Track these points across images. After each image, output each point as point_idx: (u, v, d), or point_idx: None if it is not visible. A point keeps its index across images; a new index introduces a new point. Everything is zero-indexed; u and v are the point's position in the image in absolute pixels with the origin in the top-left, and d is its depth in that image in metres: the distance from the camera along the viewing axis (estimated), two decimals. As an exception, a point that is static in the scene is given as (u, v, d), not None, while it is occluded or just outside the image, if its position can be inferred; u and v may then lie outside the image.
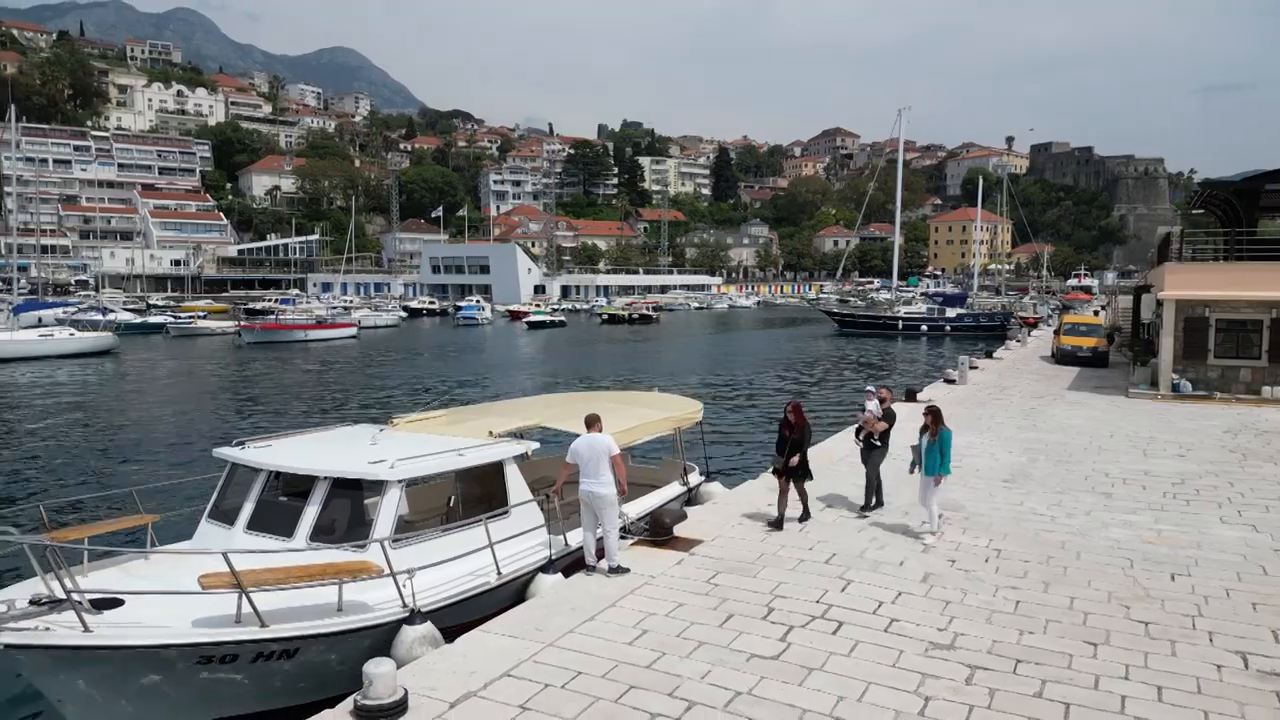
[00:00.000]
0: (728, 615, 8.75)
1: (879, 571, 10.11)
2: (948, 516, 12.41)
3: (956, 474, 15.04)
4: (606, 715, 6.75)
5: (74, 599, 7.31)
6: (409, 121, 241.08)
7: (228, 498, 10.04)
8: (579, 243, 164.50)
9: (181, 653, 7.58)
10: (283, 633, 7.90)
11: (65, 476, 19.92)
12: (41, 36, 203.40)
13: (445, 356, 52.75)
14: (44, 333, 47.65)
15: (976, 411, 22.14)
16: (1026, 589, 9.60)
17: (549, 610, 8.87)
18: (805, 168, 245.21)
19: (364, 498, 9.64)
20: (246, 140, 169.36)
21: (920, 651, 7.98)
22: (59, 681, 7.35)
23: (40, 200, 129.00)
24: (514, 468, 10.56)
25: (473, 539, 9.55)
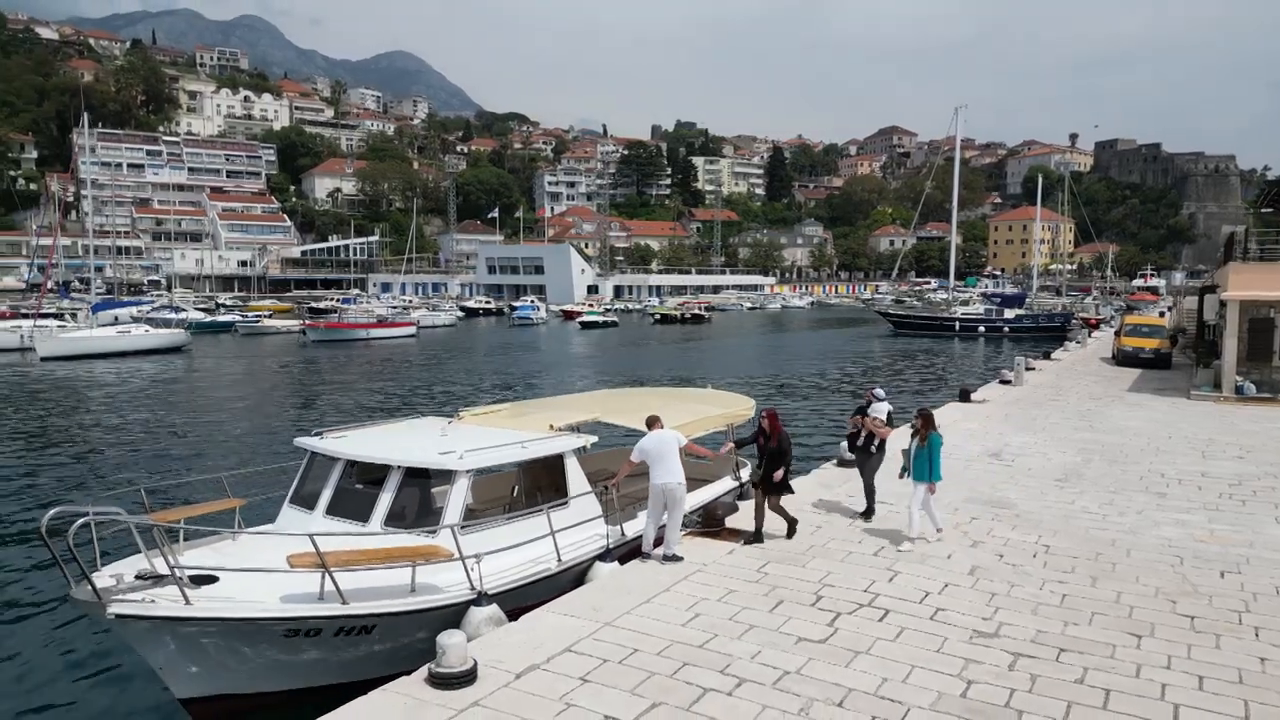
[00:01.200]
0: (777, 601, 9.12)
1: (926, 564, 10.37)
2: (998, 515, 12.58)
3: (1007, 473, 15.22)
4: (661, 688, 7.18)
5: (176, 574, 7.98)
6: (466, 124, 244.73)
7: (307, 484, 10.70)
8: (632, 243, 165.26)
9: (271, 625, 8.21)
10: (361, 610, 8.48)
11: (156, 463, 21.10)
12: (116, 45, 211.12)
13: (501, 355, 53.76)
14: (121, 330, 49.88)
15: (1031, 412, 22.07)
16: (1074, 583, 9.78)
17: (606, 593, 9.34)
18: (861, 167, 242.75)
19: (434, 486, 10.21)
20: (309, 144, 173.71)
21: (965, 639, 8.25)
22: (161, 649, 8.03)
23: (115, 203, 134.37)
24: (574, 460, 11.05)
25: (535, 527, 10.04)
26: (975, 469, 15.47)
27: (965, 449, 17.13)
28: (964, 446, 17.36)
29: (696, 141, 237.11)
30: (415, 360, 49.51)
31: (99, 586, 7.78)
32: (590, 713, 6.75)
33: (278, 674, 8.61)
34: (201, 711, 8.48)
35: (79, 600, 7.83)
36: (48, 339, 45.80)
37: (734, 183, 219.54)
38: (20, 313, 58.26)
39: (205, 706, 8.46)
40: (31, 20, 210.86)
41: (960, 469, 15.41)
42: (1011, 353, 43.52)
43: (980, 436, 18.56)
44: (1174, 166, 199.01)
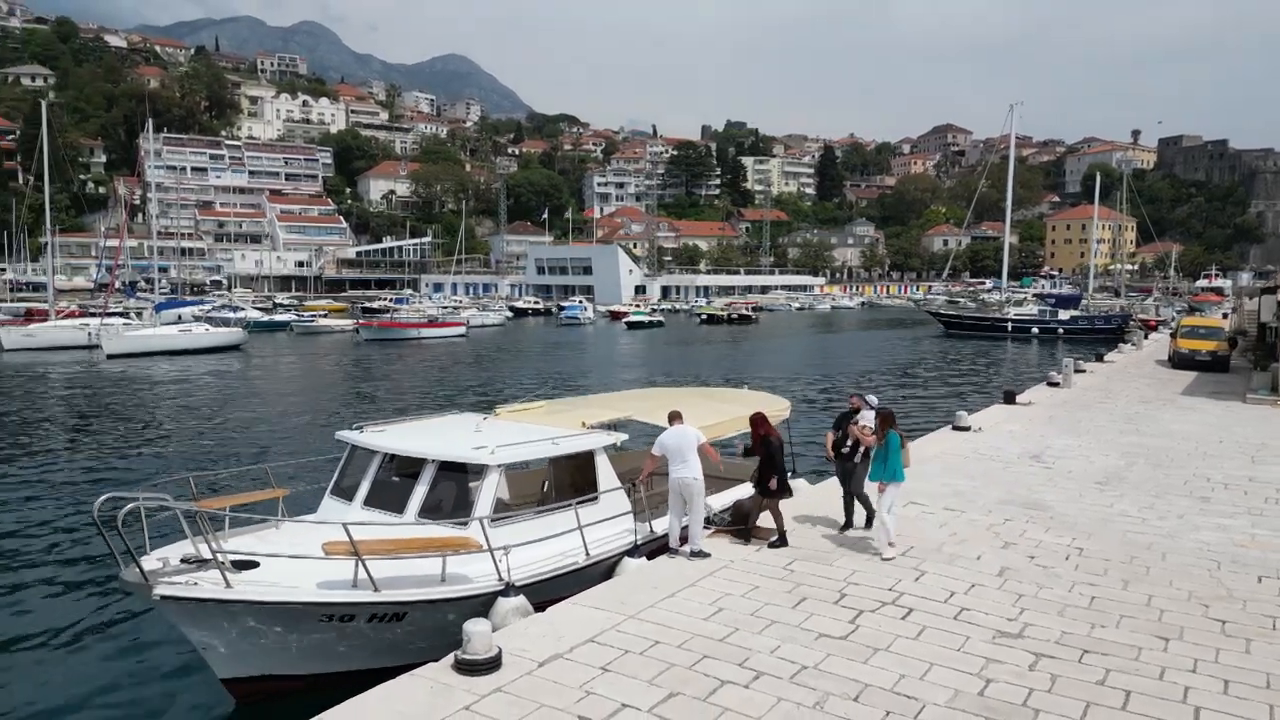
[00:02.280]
0: (801, 598, 9.20)
1: (954, 564, 10.35)
2: (1033, 517, 12.45)
3: (1046, 475, 15.03)
4: (679, 679, 7.33)
5: (218, 559, 8.37)
6: (517, 126, 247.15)
7: (347, 476, 11.07)
8: (680, 243, 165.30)
9: (307, 610, 8.55)
10: (392, 597, 8.78)
11: (208, 454, 21.88)
12: (180, 52, 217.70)
13: (548, 354, 54.34)
14: (182, 328, 51.59)
15: (1077, 415, 21.70)
16: (1104, 586, 9.69)
17: (632, 587, 9.51)
18: (914, 165, 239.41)
19: (467, 480, 10.49)
20: (365, 147, 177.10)
21: (987, 639, 8.26)
22: (203, 629, 8.44)
23: (179, 206, 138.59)
24: (604, 457, 11.24)
25: (564, 521, 10.26)
26: (1014, 471, 15.31)
27: (1005, 451, 16.96)
28: (1004, 448, 17.19)
29: (746, 141, 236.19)
30: (463, 359, 50.28)
31: (146, 569, 8.21)
32: (608, 700, 6.93)
33: (315, 657, 8.95)
34: (242, 691, 8.87)
35: (127, 581, 8.26)
36: (113, 337, 47.54)
37: (784, 182, 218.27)
38: (89, 311, 60.37)
39: (245, 686, 8.85)
40: (101, 29, 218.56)
41: (999, 471, 15.29)
42: (1066, 355, 42.70)
43: (1022, 439, 18.34)
44: (1241, 163, 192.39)
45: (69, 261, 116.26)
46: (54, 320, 53.40)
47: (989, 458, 16.35)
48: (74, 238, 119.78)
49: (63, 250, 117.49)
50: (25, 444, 23.61)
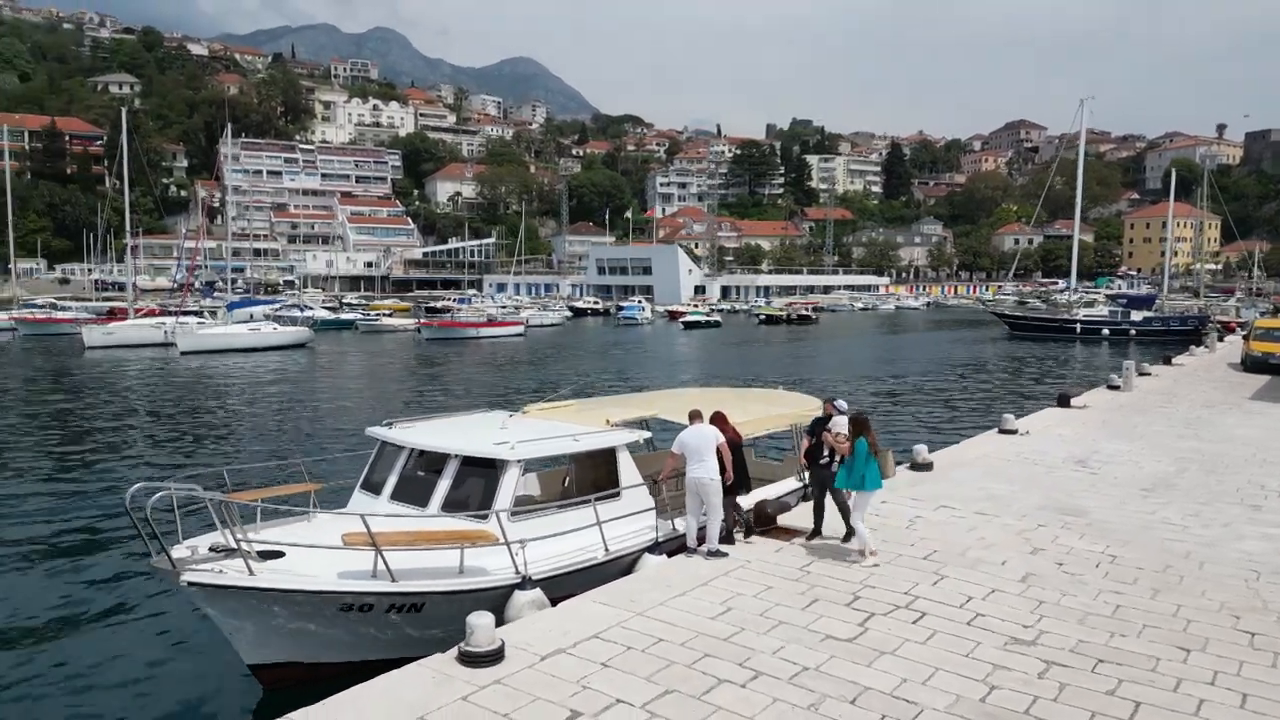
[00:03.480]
0: (813, 600, 9.15)
1: (977, 569, 10.16)
2: (1069, 523, 12.13)
3: (1090, 481, 14.62)
4: (677, 677, 7.37)
5: (243, 548, 8.70)
6: (582, 127, 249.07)
7: (377, 471, 11.38)
8: (742, 243, 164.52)
9: (325, 598, 8.83)
10: (409, 588, 9.01)
11: (254, 446, 22.74)
12: (259, 59, 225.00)
13: (602, 354, 54.69)
14: (252, 327, 53.43)
15: (1133, 419, 21.00)
16: (1132, 594, 9.41)
17: (645, 584, 9.58)
18: (985, 162, 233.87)
19: (489, 475, 10.67)
20: (432, 149, 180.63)
21: (999, 645, 8.10)
22: (227, 615, 8.79)
23: (255, 208, 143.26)
24: (626, 454, 11.33)
25: (583, 517, 10.38)
26: (1056, 476, 14.93)
27: (1051, 455, 16.54)
28: (1050, 453, 16.76)
29: (811, 139, 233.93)
30: (519, 358, 50.96)
31: (175, 557, 8.58)
32: (602, 695, 7.01)
33: (338, 646, 9.22)
34: (268, 677, 9.19)
35: (157, 568, 8.64)
36: (187, 335, 49.47)
37: (849, 181, 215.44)
38: (167, 310, 62.92)
39: (271, 672, 9.17)
40: (185, 38, 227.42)
41: (1041, 475, 14.92)
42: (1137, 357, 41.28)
43: (1071, 443, 17.84)
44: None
45: (152, 262, 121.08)
46: (133, 319, 55.76)
47: (1032, 462, 15.96)
48: (157, 239, 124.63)
49: (146, 251, 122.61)
50: (92, 434, 24.77)
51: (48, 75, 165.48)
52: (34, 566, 13.53)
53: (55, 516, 16.10)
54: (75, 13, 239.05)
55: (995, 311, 75.27)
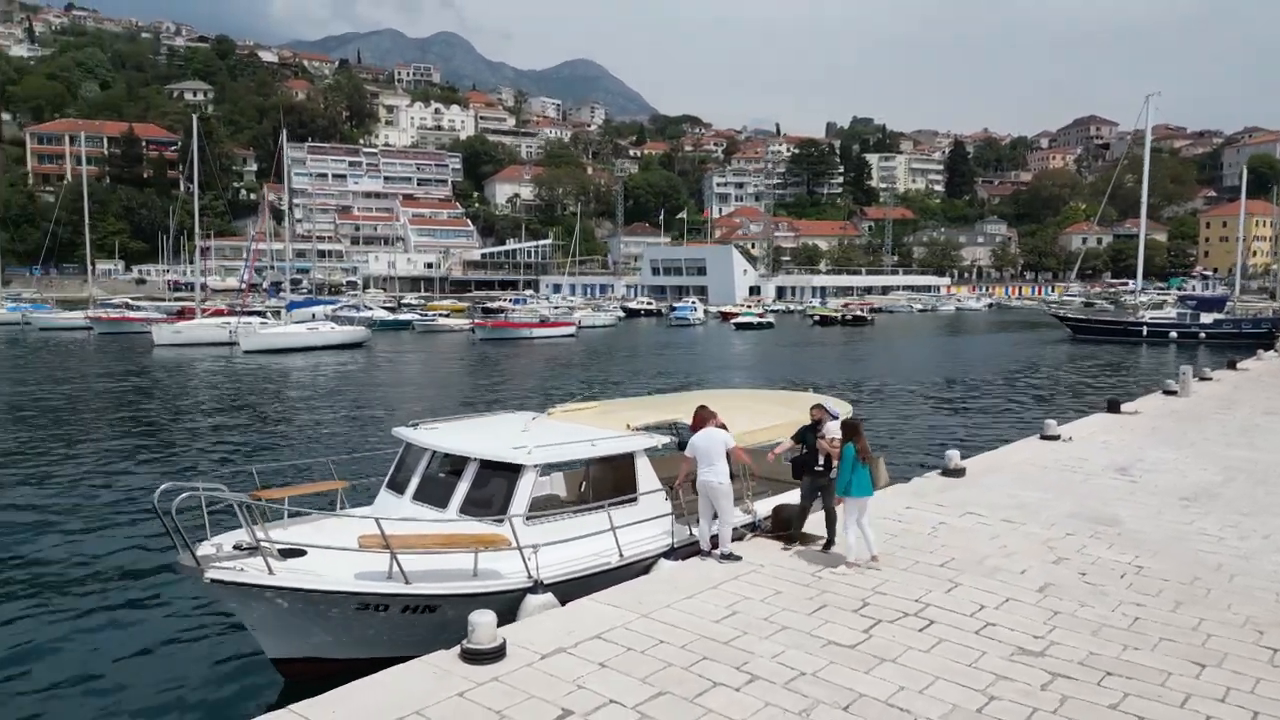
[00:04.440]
0: (820, 605, 9.12)
1: (994, 578, 10.00)
2: (1098, 532, 11.85)
3: (1128, 489, 14.25)
4: (672, 679, 7.43)
5: (263, 547, 9.01)
6: (640, 128, 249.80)
7: (401, 471, 11.63)
8: (800, 243, 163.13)
9: (340, 598, 9.08)
10: (422, 590, 9.19)
11: (294, 443, 23.50)
12: (326, 65, 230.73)
13: (651, 355, 54.76)
14: (311, 326, 54.91)
15: (1185, 426, 20.32)
16: (1153, 607, 9.18)
17: (654, 587, 9.65)
18: (1052, 160, 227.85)
19: (506, 478, 10.82)
20: (491, 152, 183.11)
21: (1005, 655, 7.98)
22: (248, 611, 9.11)
23: (320, 210, 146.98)
24: (644, 459, 11.36)
25: (599, 522, 10.46)
26: (1093, 484, 14.56)
27: (1091, 462, 16.13)
28: (1090, 459, 16.35)
29: (872, 138, 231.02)
30: (569, 359, 51.37)
31: (199, 555, 8.91)
32: (596, 695, 7.11)
33: (357, 643, 9.44)
34: (290, 671, 9.49)
35: (183, 565, 9.00)
36: (250, 334, 51.06)
37: (911, 180, 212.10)
38: (234, 310, 64.92)
39: (293, 666, 9.46)
40: (256, 45, 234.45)
41: (1077, 483, 14.58)
42: (1206, 361, 39.86)
43: (1114, 450, 17.37)
44: None
45: (223, 263, 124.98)
46: (200, 319, 57.74)
47: (1070, 469, 15.60)
48: (228, 241, 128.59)
49: (217, 253, 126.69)
50: (147, 429, 25.75)
51: (126, 83, 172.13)
52: (75, 557, 14.12)
53: (102, 509, 16.78)
54: (153, 22, 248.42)
55: (1057, 313, 73.15)
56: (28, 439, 24.52)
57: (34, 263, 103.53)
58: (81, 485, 18.95)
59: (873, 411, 29.93)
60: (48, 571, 13.56)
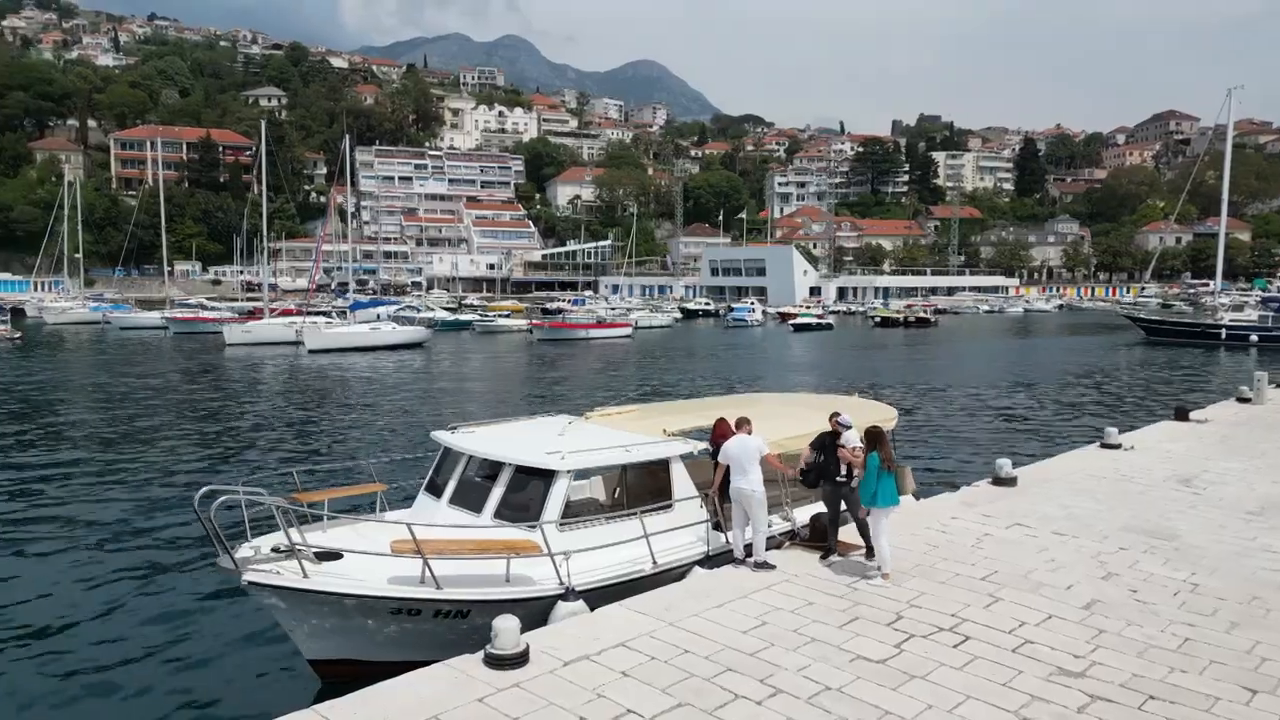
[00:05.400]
0: (852, 618, 8.93)
1: (1038, 593, 9.67)
2: (1154, 547, 11.38)
3: (1190, 501, 13.69)
4: (693, 690, 7.35)
5: (299, 550, 9.17)
6: (702, 128, 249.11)
7: (439, 475, 11.72)
8: (863, 243, 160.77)
9: (372, 602, 9.17)
10: (453, 595, 9.24)
11: (342, 442, 24.00)
12: (394, 70, 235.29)
13: (707, 357, 54.47)
14: (373, 326, 56.10)
15: (1258, 436, 19.40)
16: (1205, 627, 8.77)
17: (685, 595, 9.56)
18: (1129, 156, 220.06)
19: (541, 483, 10.80)
20: (554, 154, 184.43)
21: (1042, 675, 7.71)
22: (284, 613, 9.28)
23: (386, 213, 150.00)
24: (679, 465, 11.26)
25: (632, 529, 10.39)
26: (1153, 495, 14.00)
27: (1152, 473, 15.51)
28: (1152, 470, 15.72)
29: (939, 136, 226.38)
30: (624, 360, 51.44)
31: (238, 557, 9.13)
32: (615, 705, 7.07)
33: (391, 646, 9.51)
34: (327, 672, 9.62)
35: (222, 567, 9.22)
36: (314, 334, 52.37)
37: (979, 178, 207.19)
38: (302, 310, 66.62)
39: (329, 667, 9.59)
40: (328, 52, 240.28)
41: (1135, 494, 14.04)
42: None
43: (1179, 460, 16.67)
44: None
45: (294, 264, 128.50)
46: (268, 318, 59.41)
47: (1129, 479, 15.02)
48: (298, 243, 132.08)
49: (288, 254, 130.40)
50: (207, 425, 26.53)
51: (205, 90, 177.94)
52: (123, 551, 14.60)
53: (154, 504, 17.28)
54: (231, 30, 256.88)
55: (1130, 315, 70.52)
56: (94, 433, 25.52)
57: (117, 264, 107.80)
58: (137, 480, 19.63)
59: (928, 416, 29.32)
60: (95, 564, 14.02)
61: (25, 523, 16.20)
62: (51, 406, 31.10)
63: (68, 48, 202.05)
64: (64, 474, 20.19)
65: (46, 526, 15.99)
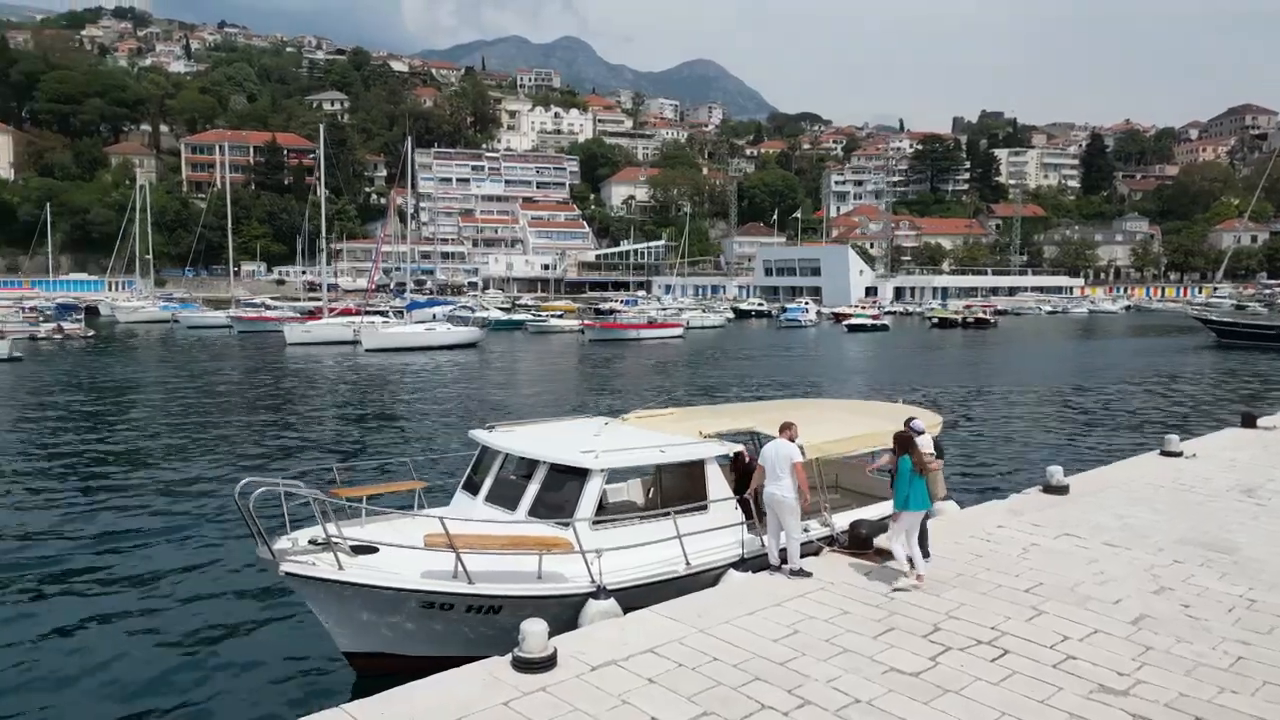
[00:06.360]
0: (887, 629, 8.75)
1: (1084, 607, 9.35)
2: (1210, 560, 10.95)
3: (1252, 512, 13.16)
4: (719, 699, 7.26)
5: (335, 543, 9.33)
6: (758, 127, 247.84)
7: (477, 473, 11.85)
8: (921, 242, 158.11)
9: (404, 595, 9.30)
10: (484, 590, 9.33)
11: (388, 440, 24.37)
12: (453, 73, 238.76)
13: (756, 358, 53.95)
14: (428, 327, 56.96)
15: (1330, 443, 18.57)
16: (1260, 645, 8.39)
17: (718, 600, 9.48)
18: (1202, 152, 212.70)
19: (575, 482, 10.84)
20: (609, 154, 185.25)
21: (1083, 692, 7.45)
22: (319, 604, 9.45)
23: (444, 214, 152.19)
24: (715, 467, 11.20)
25: (665, 529, 10.37)
26: (1213, 506, 13.46)
27: (1214, 482, 14.92)
28: (1214, 479, 15.13)
29: (1001, 132, 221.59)
30: (674, 360, 51.31)
31: (276, 548, 9.32)
32: (638, 712, 7.02)
33: (425, 640, 9.65)
34: (362, 665, 9.79)
35: (261, 558, 9.43)
36: (371, 334, 53.37)
37: (1042, 175, 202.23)
38: (361, 310, 67.93)
39: (364, 661, 9.76)
40: (389, 56, 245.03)
41: (1194, 504, 13.52)
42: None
43: (1243, 469, 16.01)
44: None
45: (355, 265, 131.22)
46: (327, 318, 60.72)
47: (1189, 489, 14.47)
48: (359, 244, 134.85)
49: (349, 255, 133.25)
50: (263, 420, 27.17)
51: (271, 95, 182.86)
52: (168, 542, 15.00)
53: (202, 499, 17.73)
54: (296, 37, 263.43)
55: (1200, 317, 68.01)
56: (152, 427, 26.34)
57: (186, 264, 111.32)
58: (189, 472, 20.18)
59: (980, 421, 28.67)
60: (147, 553, 14.46)
61: (87, 511, 16.75)
62: (117, 402, 32.19)
63: (142, 55, 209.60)
64: (127, 463, 20.90)
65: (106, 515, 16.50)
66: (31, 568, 13.60)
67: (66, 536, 15.27)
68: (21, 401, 31.94)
